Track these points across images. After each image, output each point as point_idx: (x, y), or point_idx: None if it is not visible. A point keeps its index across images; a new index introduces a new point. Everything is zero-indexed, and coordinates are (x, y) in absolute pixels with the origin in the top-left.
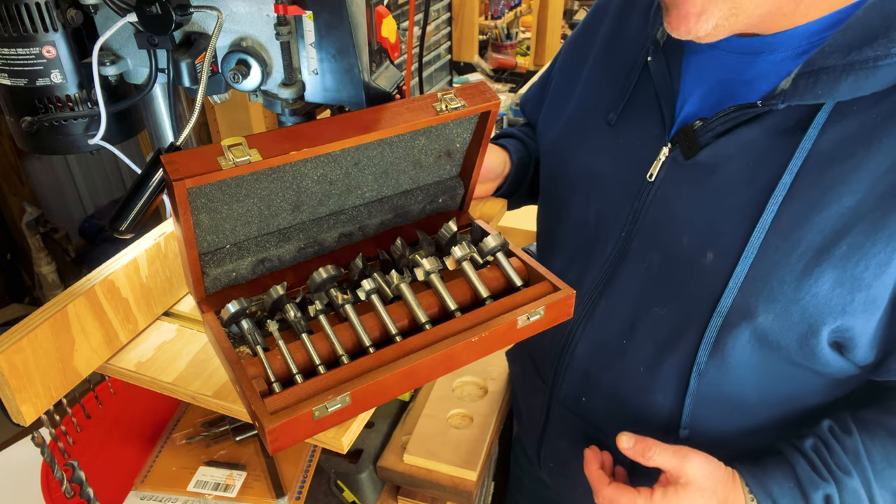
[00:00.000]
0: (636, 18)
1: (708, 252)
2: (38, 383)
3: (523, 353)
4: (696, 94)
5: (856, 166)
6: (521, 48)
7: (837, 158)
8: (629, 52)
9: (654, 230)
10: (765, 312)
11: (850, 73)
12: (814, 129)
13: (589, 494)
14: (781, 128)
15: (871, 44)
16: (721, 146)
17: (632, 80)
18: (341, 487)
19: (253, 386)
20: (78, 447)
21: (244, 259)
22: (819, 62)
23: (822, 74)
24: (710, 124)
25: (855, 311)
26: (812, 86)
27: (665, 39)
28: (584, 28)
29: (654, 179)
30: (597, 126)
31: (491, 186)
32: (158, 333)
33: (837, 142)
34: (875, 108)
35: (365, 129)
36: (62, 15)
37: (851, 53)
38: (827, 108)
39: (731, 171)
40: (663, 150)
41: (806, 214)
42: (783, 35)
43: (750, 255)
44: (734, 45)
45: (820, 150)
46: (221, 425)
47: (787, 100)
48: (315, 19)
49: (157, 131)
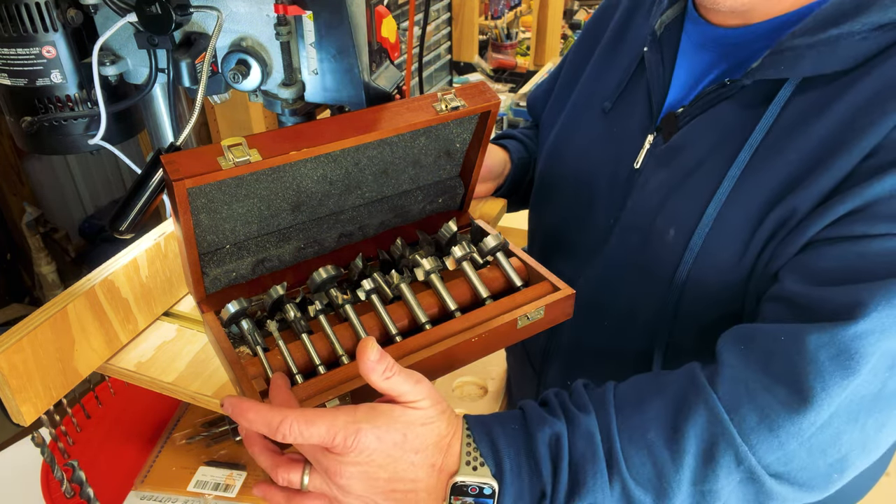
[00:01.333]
0: (642, 12)
1: (670, 229)
2: (38, 383)
3: (518, 343)
4: (686, 83)
5: (804, 134)
6: (521, 48)
7: (793, 131)
8: (631, 46)
9: (633, 216)
10: (715, 283)
11: (813, 49)
12: (776, 105)
13: None
14: (748, 104)
15: (838, 24)
16: (693, 127)
17: (629, 71)
18: None
19: (253, 386)
20: (78, 447)
21: (244, 259)
22: (787, 42)
23: (787, 52)
24: (689, 109)
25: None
26: (777, 62)
27: (662, 32)
28: (594, 24)
29: (640, 167)
30: (593, 114)
31: (491, 186)
32: (158, 333)
33: (796, 115)
34: (833, 83)
35: (365, 129)
36: (62, 15)
37: (817, 34)
38: (791, 84)
39: (698, 149)
40: (648, 137)
41: (759, 185)
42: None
43: (705, 228)
44: (724, 35)
45: (780, 125)
46: (221, 425)
47: (752, 76)
48: (315, 19)
49: (157, 131)
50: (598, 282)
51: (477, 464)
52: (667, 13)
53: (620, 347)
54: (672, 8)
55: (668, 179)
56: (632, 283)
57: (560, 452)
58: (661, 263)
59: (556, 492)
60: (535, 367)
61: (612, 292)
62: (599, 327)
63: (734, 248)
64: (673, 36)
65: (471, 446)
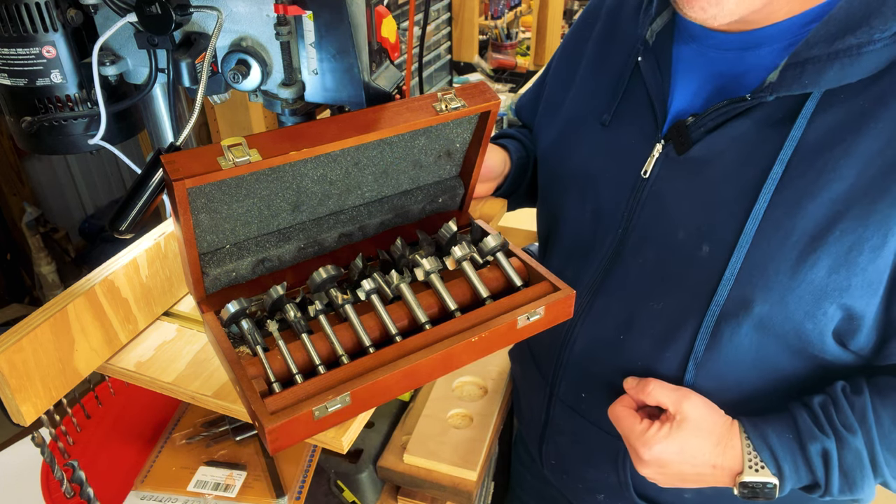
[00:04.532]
0: (626, 22)
1: (703, 245)
2: (38, 383)
3: (524, 351)
4: (686, 91)
5: (845, 152)
6: (521, 48)
7: (827, 146)
8: (620, 55)
9: (649, 226)
10: (762, 302)
11: (835, 61)
12: (802, 119)
13: (591, 491)
14: (771, 120)
15: (854, 32)
16: (713, 140)
17: (623, 80)
18: (341, 487)
19: (253, 386)
20: (78, 447)
21: (244, 259)
22: (804, 53)
23: (808, 65)
24: (701, 120)
25: (853, 296)
26: (799, 76)
27: (654, 39)
28: (576, 33)
29: (649, 176)
30: (591, 128)
31: (491, 186)
32: (158, 333)
33: (826, 130)
34: (862, 94)
35: (365, 129)
36: (62, 15)
37: (835, 43)
38: (815, 97)
39: (724, 164)
40: (657, 146)
41: (798, 202)
42: (769, 29)
43: (745, 246)
44: (721, 41)
45: (809, 139)
46: (221, 425)
47: (775, 91)
48: (315, 19)
49: (157, 131)
50: (612, 293)
51: (758, 467)
52: (656, 21)
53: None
54: (661, 16)
55: (688, 192)
56: (654, 296)
57: (830, 463)
58: (695, 280)
59: (829, 486)
60: (546, 378)
61: (630, 305)
62: (615, 340)
63: (781, 266)
64: (665, 42)
65: (751, 453)
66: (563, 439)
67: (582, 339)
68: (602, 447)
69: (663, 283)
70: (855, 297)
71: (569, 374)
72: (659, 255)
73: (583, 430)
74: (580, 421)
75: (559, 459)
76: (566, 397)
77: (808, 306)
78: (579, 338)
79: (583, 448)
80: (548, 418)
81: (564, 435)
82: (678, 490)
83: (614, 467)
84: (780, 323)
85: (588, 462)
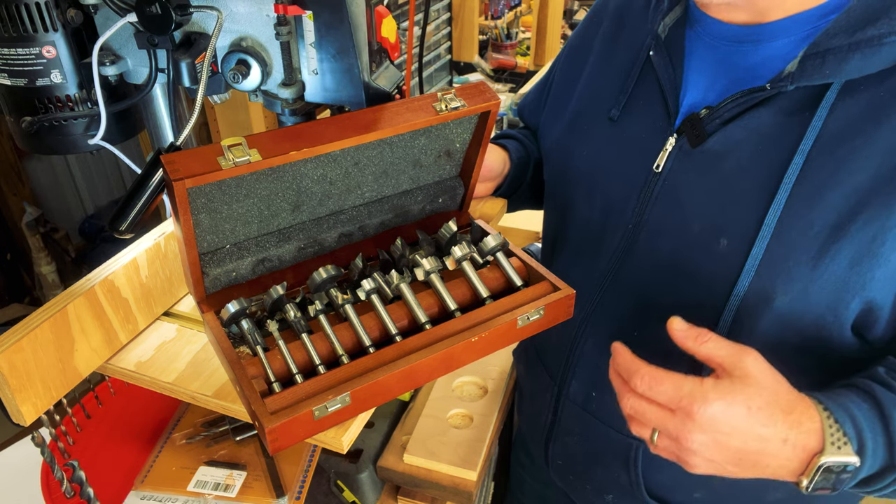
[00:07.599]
0: (634, 19)
1: (721, 238)
2: (38, 383)
3: (530, 351)
4: (699, 84)
5: (866, 142)
6: (521, 48)
7: (848, 136)
8: (628, 51)
9: (662, 220)
10: (783, 294)
11: (857, 51)
12: (823, 109)
13: (599, 491)
14: (790, 110)
15: (875, 23)
16: (729, 132)
17: (633, 76)
18: (341, 487)
19: (253, 386)
20: (78, 447)
21: (244, 259)
22: (824, 43)
23: (828, 55)
24: (716, 112)
25: (875, 287)
26: (820, 66)
27: (666, 34)
28: (583, 31)
29: (661, 170)
30: (599, 123)
31: (490, 186)
32: (158, 333)
33: (847, 120)
34: (882, 84)
35: (365, 129)
36: (62, 15)
37: (856, 34)
38: (835, 87)
39: (741, 155)
40: (669, 140)
41: (819, 193)
42: (785, 21)
43: (765, 238)
44: (735, 34)
45: (830, 130)
46: (221, 425)
47: (795, 81)
48: (315, 19)
49: (157, 131)
50: (623, 289)
51: (840, 444)
52: (669, 15)
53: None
54: (674, 10)
55: (705, 185)
56: (668, 291)
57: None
58: (712, 274)
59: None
60: (555, 377)
61: (643, 300)
62: (628, 336)
63: (802, 257)
64: (678, 36)
65: (833, 425)
66: (571, 439)
67: (592, 337)
68: (613, 446)
69: (678, 278)
70: (877, 288)
71: (579, 373)
72: (674, 250)
73: (593, 429)
74: (590, 420)
75: (566, 460)
76: (576, 397)
77: (830, 298)
78: (590, 336)
79: (592, 448)
80: (555, 418)
81: (573, 435)
82: (688, 489)
83: (625, 466)
84: (801, 315)
85: (597, 462)
